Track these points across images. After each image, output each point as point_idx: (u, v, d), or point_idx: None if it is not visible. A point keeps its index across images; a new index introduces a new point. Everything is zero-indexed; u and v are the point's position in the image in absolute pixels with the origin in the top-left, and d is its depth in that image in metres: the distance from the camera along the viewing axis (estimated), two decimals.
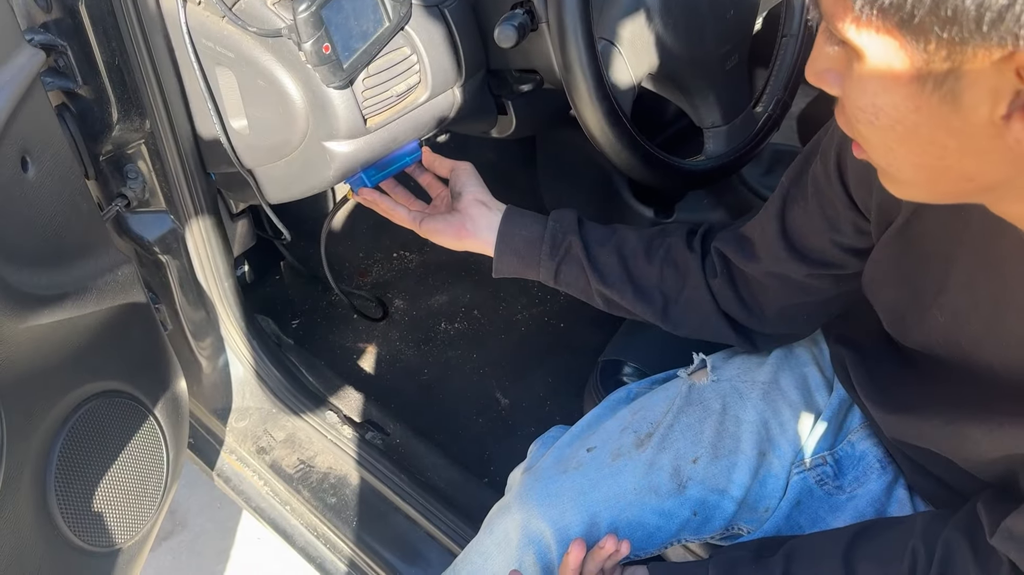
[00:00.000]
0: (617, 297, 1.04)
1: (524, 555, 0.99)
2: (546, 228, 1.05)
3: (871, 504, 1.00)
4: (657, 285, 1.03)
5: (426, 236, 1.10)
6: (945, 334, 0.78)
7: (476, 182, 1.10)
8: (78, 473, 1.04)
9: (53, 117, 1.01)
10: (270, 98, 1.06)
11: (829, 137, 0.84)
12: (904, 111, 0.51)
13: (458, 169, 1.12)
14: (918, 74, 0.48)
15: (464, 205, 1.08)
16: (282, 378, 1.47)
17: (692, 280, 1.01)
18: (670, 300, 1.03)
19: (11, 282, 0.88)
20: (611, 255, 1.03)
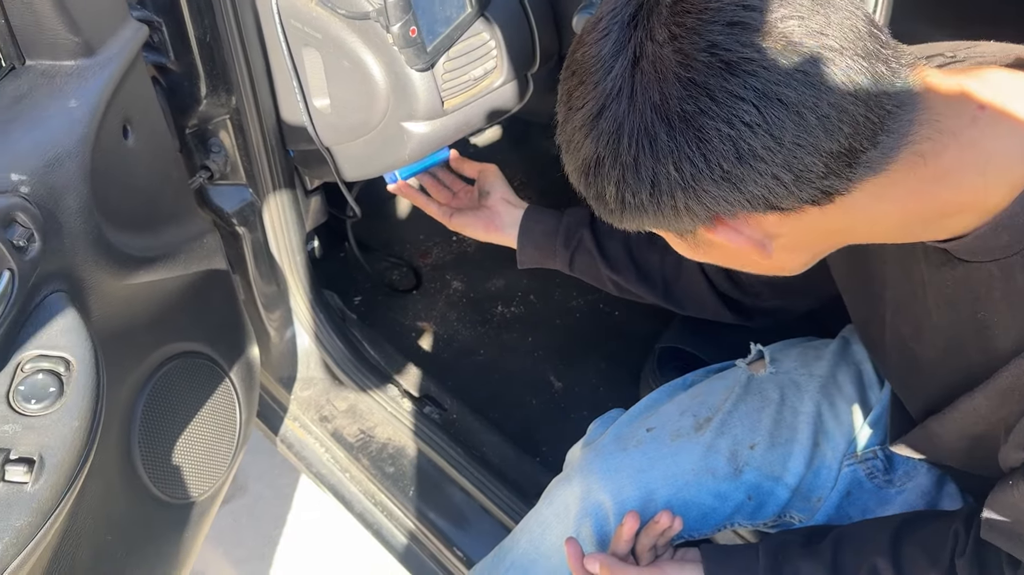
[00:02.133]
0: (623, 281, 1.14)
1: (582, 525, 1.02)
2: (561, 222, 1.17)
3: (922, 498, 1.02)
4: (659, 269, 1.12)
5: (455, 229, 1.24)
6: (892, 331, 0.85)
7: (503, 183, 1.23)
8: (159, 427, 1.10)
9: (151, 89, 1.07)
10: (353, 78, 1.10)
11: None
12: (695, 254, 0.73)
13: (486, 171, 1.25)
14: (680, 239, 0.69)
15: (492, 203, 1.21)
16: (346, 351, 1.53)
17: (688, 263, 1.08)
18: (670, 282, 1.13)
19: (112, 242, 0.94)
20: (618, 244, 1.14)
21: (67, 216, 0.88)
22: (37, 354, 0.85)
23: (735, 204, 0.61)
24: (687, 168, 0.59)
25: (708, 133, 0.57)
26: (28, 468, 0.80)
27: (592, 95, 0.61)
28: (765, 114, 0.56)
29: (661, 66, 0.58)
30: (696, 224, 0.64)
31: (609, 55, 0.60)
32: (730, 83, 0.56)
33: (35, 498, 0.80)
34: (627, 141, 0.60)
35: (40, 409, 0.83)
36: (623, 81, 0.59)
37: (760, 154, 0.58)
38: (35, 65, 0.92)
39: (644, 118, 0.59)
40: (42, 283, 0.86)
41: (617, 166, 0.61)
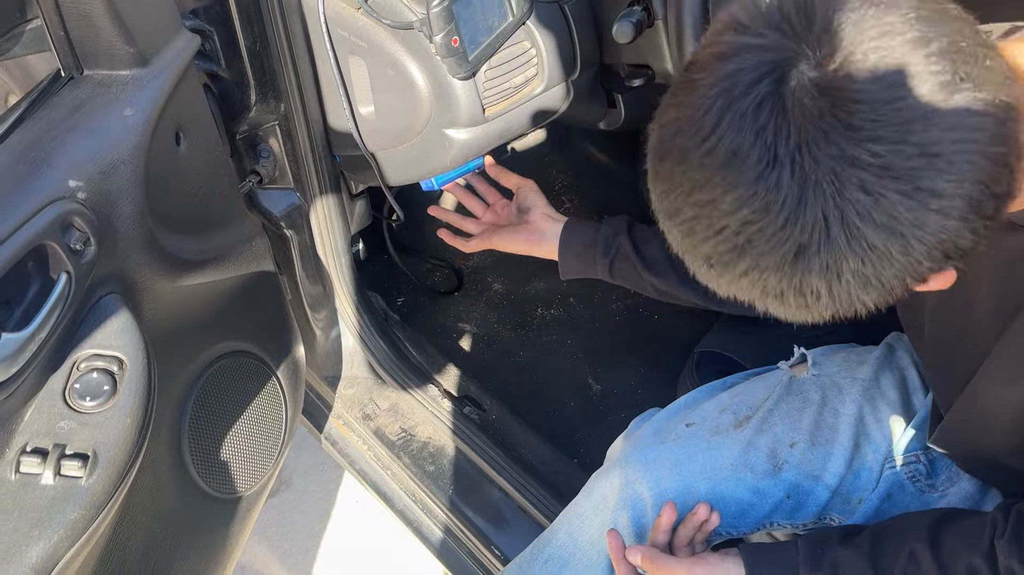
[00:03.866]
0: (664, 285, 1.14)
1: (619, 516, 1.04)
2: (599, 232, 1.18)
3: (964, 502, 1.01)
4: None
5: (496, 247, 1.26)
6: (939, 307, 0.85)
7: (542, 198, 1.26)
8: (208, 424, 1.14)
9: (202, 96, 1.10)
10: (397, 86, 1.12)
11: None
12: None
13: (525, 188, 1.27)
14: None
15: (534, 218, 1.23)
16: (388, 351, 1.55)
17: None
18: None
19: (165, 245, 0.98)
20: (657, 248, 1.14)
21: (121, 221, 0.91)
22: (92, 353, 0.88)
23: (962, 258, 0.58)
24: (930, 263, 0.56)
25: (945, 228, 0.54)
26: (83, 463, 0.83)
27: (791, 232, 0.55)
28: (987, 181, 0.54)
29: (876, 188, 0.53)
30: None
31: (796, 187, 0.53)
32: (952, 174, 0.53)
33: (89, 492, 0.83)
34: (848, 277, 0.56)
35: (94, 406, 0.86)
36: (829, 216, 0.54)
37: (987, 215, 0.55)
38: (92, 75, 0.96)
39: (872, 243, 0.54)
40: (97, 285, 0.89)
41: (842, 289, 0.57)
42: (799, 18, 0.54)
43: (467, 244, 1.28)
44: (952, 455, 0.97)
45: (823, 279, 0.56)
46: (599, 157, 1.96)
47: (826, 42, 0.53)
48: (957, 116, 0.52)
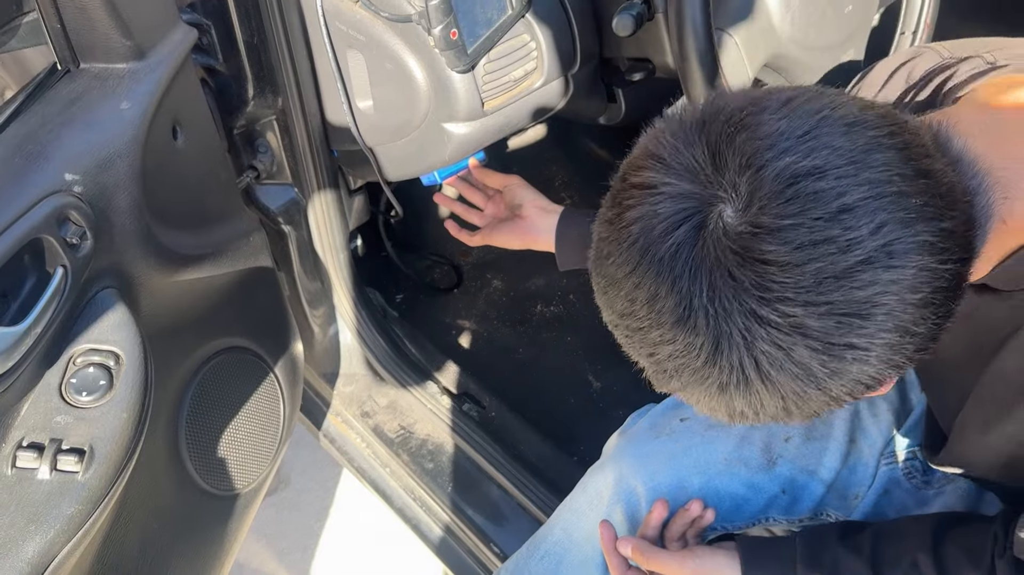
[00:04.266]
0: None
1: (614, 510, 1.03)
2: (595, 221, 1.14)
3: (961, 500, 1.01)
4: None
5: (494, 243, 1.24)
6: None
7: (531, 191, 1.23)
8: (205, 420, 1.13)
9: (200, 91, 1.10)
10: (395, 80, 1.12)
11: None
12: None
13: (512, 185, 1.24)
14: None
15: (527, 212, 1.20)
16: (387, 348, 1.55)
17: None
18: None
19: (162, 240, 0.97)
20: None
21: (118, 215, 0.91)
22: (88, 348, 0.88)
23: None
24: (854, 394, 0.56)
25: (863, 372, 0.54)
26: (79, 458, 0.83)
27: (711, 371, 0.55)
28: (907, 325, 0.52)
29: (786, 344, 0.52)
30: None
31: (711, 336, 0.53)
32: (866, 329, 0.52)
33: (85, 487, 0.83)
34: (771, 409, 0.56)
35: (91, 401, 0.86)
36: (744, 363, 0.54)
37: (914, 349, 0.54)
38: (89, 68, 0.95)
39: (789, 387, 0.54)
40: (94, 279, 0.89)
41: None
42: (713, 164, 0.53)
43: (472, 238, 1.26)
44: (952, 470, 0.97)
45: (748, 407, 0.56)
46: (599, 152, 1.96)
47: (741, 190, 0.52)
48: (871, 272, 0.51)
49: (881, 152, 0.52)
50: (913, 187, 0.52)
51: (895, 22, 1.26)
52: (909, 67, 0.81)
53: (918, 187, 0.52)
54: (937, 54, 0.78)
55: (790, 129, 0.52)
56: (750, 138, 0.52)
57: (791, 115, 0.53)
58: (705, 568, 0.93)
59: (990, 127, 0.61)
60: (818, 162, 0.51)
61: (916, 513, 1.01)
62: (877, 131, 0.53)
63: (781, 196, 0.51)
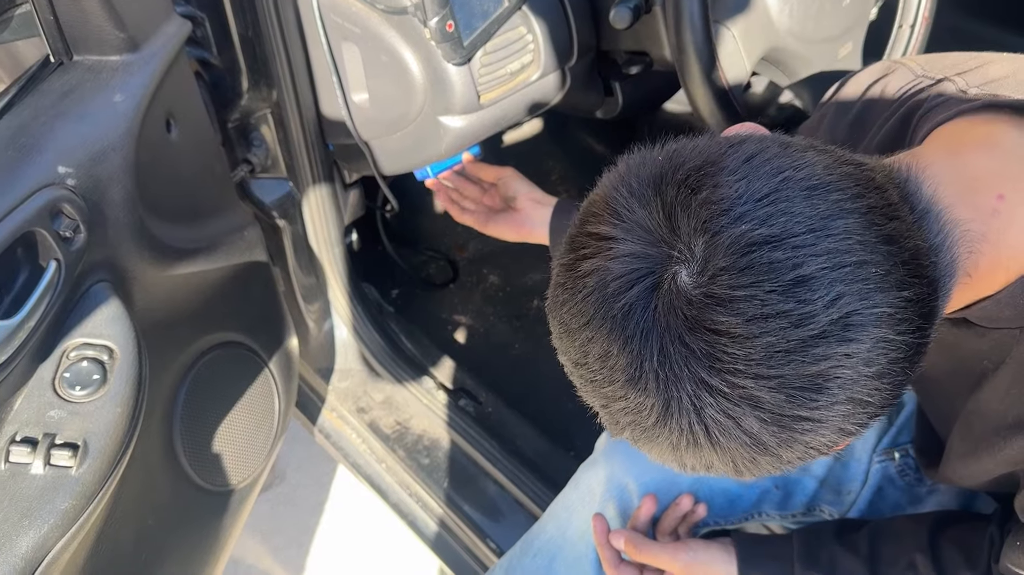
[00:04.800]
0: None
1: (606, 507, 1.03)
2: None
3: (956, 497, 1.01)
4: None
5: (489, 233, 1.24)
6: None
7: (525, 183, 1.23)
8: (200, 416, 1.12)
9: (194, 84, 1.09)
10: (391, 73, 1.11)
11: None
12: None
13: (506, 177, 1.24)
14: None
15: (522, 205, 1.21)
16: (383, 343, 1.54)
17: None
18: None
19: (156, 233, 0.97)
20: None
21: (111, 208, 0.90)
22: (82, 342, 0.87)
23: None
24: (806, 459, 0.56)
25: (816, 441, 0.53)
26: (73, 453, 0.82)
27: (661, 432, 0.54)
28: (862, 397, 0.51)
29: (736, 413, 0.51)
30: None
31: (661, 401, 0.52)
32: (820, 401, 0.51)
33: (79, 482, 0.82)
34: (722, 467, 0.56)
35: (84, 396, 0.85)
36: (694, 428, 0.53)
37: (868, 418, 0.54)
38: (82, 60, 0.94)
39: (738, 451, 0.53)
40: (87, 273, 0.88)
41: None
42: (668, 225, 0.51)
43: (462, 215, 1.26)
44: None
45: (700, 464, 0.56)
46: (596, 147, 1.95)
47: (697, 252, 0.50)
48: (824, 347, 0.49)
49: (843, 219, 0.51)
50: (875, 255, 0.51)
51: (893, 15, 1.26)
52: (883, 84, 0.80)
53: (880, 255, 0.51)
54: (910, 71, 0.77)
55: (749, 192, 0.50)
56: (706, 201, 0.51)
57: (751, 175, 0.51)
58: (699, 561, 0.92)
59: (959, 175, 0.60)
60: (775, 230, 0.49)
61: (910, 510, 1.01)
62: (840, 194, 0.51)
63: (735, 267, 0.49)
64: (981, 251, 0.59)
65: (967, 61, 0.73)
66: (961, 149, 0.63)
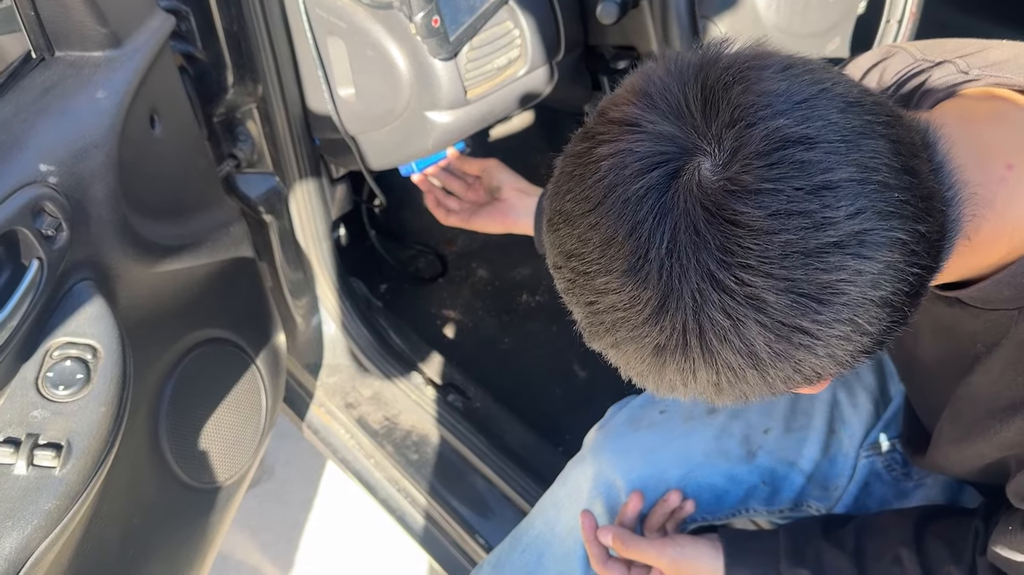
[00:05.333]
0: None
1: (593, 504, 1.03)
2: None
3: (942, 493, 1.01)
4: None
5: (474, 228, 1.21)
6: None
7: (509, 174, 1.20)
8: (186, 413, 1.12)
9: (178, 79, 1.08)
10: (377, 68, 1.10)
11: None
12: None
13: (490, 168, 1.21)
14: None
15: (507, 195, 1.18)
16: (371, 338, 1.54)
17: None
18: None
19: (139, 230, 0.96)
20: None
21: (94, 205, 0.89)
22: (65, 341, 0.86)
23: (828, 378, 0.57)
24: (789, 385, 0.55)
25: (805, 360, 0.52)
26: (56, 453, 0.81)
27: (650, 330, 0.53)
28: (859, 322, 0.51)
29: (736, 313, 0.50)
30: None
31: (661, 292, 0.51)
32: (822, 315, 0.50)
33: (63, 482, 0.82)
34: (704, 381, 0.54)
35: (68, 395, 0.84)
36: (688, 327, 0.51)
37: (858, 349, 0.53)
38: (64, 56, 0.93)
39: (726, 361, 0.52)
40: (70, 272, 0.87)
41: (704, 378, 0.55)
42: (703, 111, 0.50)
43: (448, 218, 1.24)
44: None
45: (679, 376, 0.54)
46: None
47: (726, 144, 0.49)
48: (839, 257, 0.49)
49: (873, 139, 0.51)
50: (898, 182, 0.51)
51: (880, 10, 1.26)
52: (881, 67, 0.80)
53: (903, 183, 0.51)
54: (910, 55, 0.77)
55: (789, 92, 0.50)
56: (746, 91, 0.50)
57: (792, 79, 0.51)
58: (685, 557, 0.93)
59: (970, 140, 0.60)
60: (811, 132, 0.49)
61: (897, 505, 1.01)
62: (873, 117, 0.52)
63: (766, 158, 0.49)
64: (985, 217, 0.59)
65: (967, 46, 0.73)
66: (972, 118, 0.63)
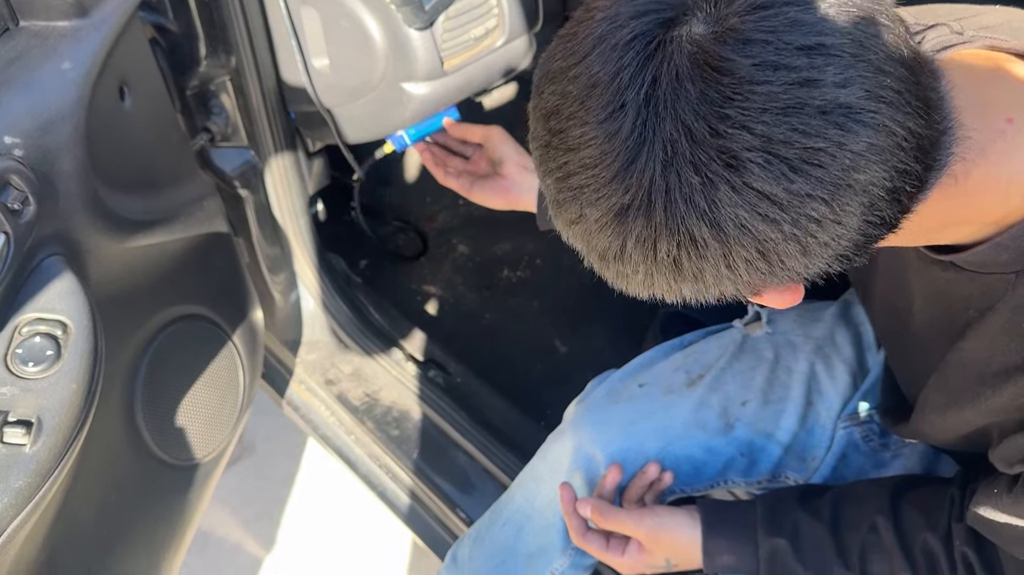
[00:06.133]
0: None
1: (573, 476, 1.04)
2: None
3: (919, 463, 1.02)
4: None
5: (475, 200, 1.17)
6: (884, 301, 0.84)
7: (512, 147, 1.16)
8: (162, 390, 1.11)
9: (148, 50, 1.06)
10: (352, 38, 1.08)
11: None
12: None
13: (492, 137, 1.16)
14: None
15: (508, 171, 1.14)
16: (350, 314, 1.53)
17: None
18: None
19: (110, 204, 0.94)
20: None
21: (62, 179, 0.87)
22: (34, 317, 0.85)
23: (794, 279, 0.54)
24: (751, 274, 0.52)
25: (771, 239, 0.50)
26: (27, 430, 0.80)
27: (616, 188, 0.51)
28: (834, 205, 0.49)
29: (706, 171, 0.49)
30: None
31: (632, 143, 0.49)
32: (795, 184, 0.48)
33: (34, 459, 0.80)
34: (663, 256, 0.52)
35: (38, 372, 0.83)
36: (655, 184, 0.50)
37: (827, 243, 0.51)
38: (29, 26, 0.91)
39: (689, 230, 0.50)
40: (38, 247, 0.85)
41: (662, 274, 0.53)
42: None
43: (447, 179, 1.19)
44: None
45: (640, 251, 0.52)
46: None
47: (720, 4, 0.49)
48: (821, 122, 0.47)
49: (876, 26, 0.50)
50: (895, 71, 0.50)
51: None
52: None
53: (898, 75, 0.50)
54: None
55: None
56: None
57: None
58: (663, 527, 0.93)
59: (972, 89, 0.59)
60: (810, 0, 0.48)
61: (874, 475, 1.02)
62: (879, 7, 0.51)
63: (761, 11, 0.48)
64: (976, 163, 0.57)
65: (960, 11, 0.72)
66: (972, 70, 0.62)
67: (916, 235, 0.63)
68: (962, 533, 0.80)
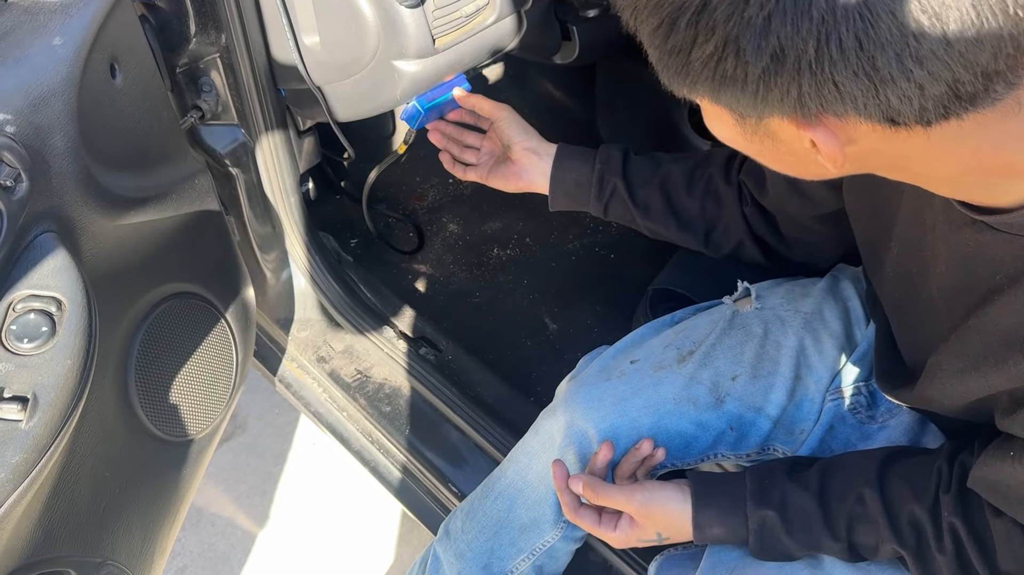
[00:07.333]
0: (662, 229, 1.13)
1: (566, 453, 1.05)
2: (593, 171, 1.13)
3: (904, 434, 1.04)
4: (699, 216, 1.11)
5: (492, 186, 1.19)
6: (897, 266, 0.84)
7: (521, 129, 1.16)
8: (155, 367, 1.11)
9: (138, 27, 1.05)
10: (343, 15, 1.08)
11: None
12: (741, 142, 0.63)
13: (501, 120, 1.17)
14: (738, 122, 0.59)
15: (517, 155, 1.15)
16: (342, 292, 1.53)
17: (728, 209, 1.09)
18: (710, 228, 1.12)
19: (102, 182, 0.94)
20: (654, 191, 1.11)
21: (54, 156, 0.87)
22: (28, 294, 0.85)
23: (859, 107, 0.51)
24: (833, 52, 0.48)
25: (878, 22, 0.46)
26: (22, 406, 0.81)
27: None
28: (942, 13, 0.46)
29: None
30: (793, 115, 0.53)
31: None
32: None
33: (30, 435, 0.81)
34: (717, 42, 0.49)
35: (32, 348, 0.83)
36: None
37: (922, 58, 0.47)
38: (18, 2, 0.91)
39: None
40: (31, 223, 0.86)
41: (734, 22, 0.49)
42: None
43: (466, 173, 1.21)
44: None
45: (728, 4, 0.49)
46: (555, 93, 1.93)
47: None
48: None
49: None
50: None
51: None
52: None
53: None
54: None
55: None
56: None
57: None
58: (654, 501, 0.95)
59: None
60: None
61: (860, 447, 1.04)
62: None
63: None
64: None
65: None
66: None
67: (968, 181, 0.61)
68: (950, 504, 0.81)
